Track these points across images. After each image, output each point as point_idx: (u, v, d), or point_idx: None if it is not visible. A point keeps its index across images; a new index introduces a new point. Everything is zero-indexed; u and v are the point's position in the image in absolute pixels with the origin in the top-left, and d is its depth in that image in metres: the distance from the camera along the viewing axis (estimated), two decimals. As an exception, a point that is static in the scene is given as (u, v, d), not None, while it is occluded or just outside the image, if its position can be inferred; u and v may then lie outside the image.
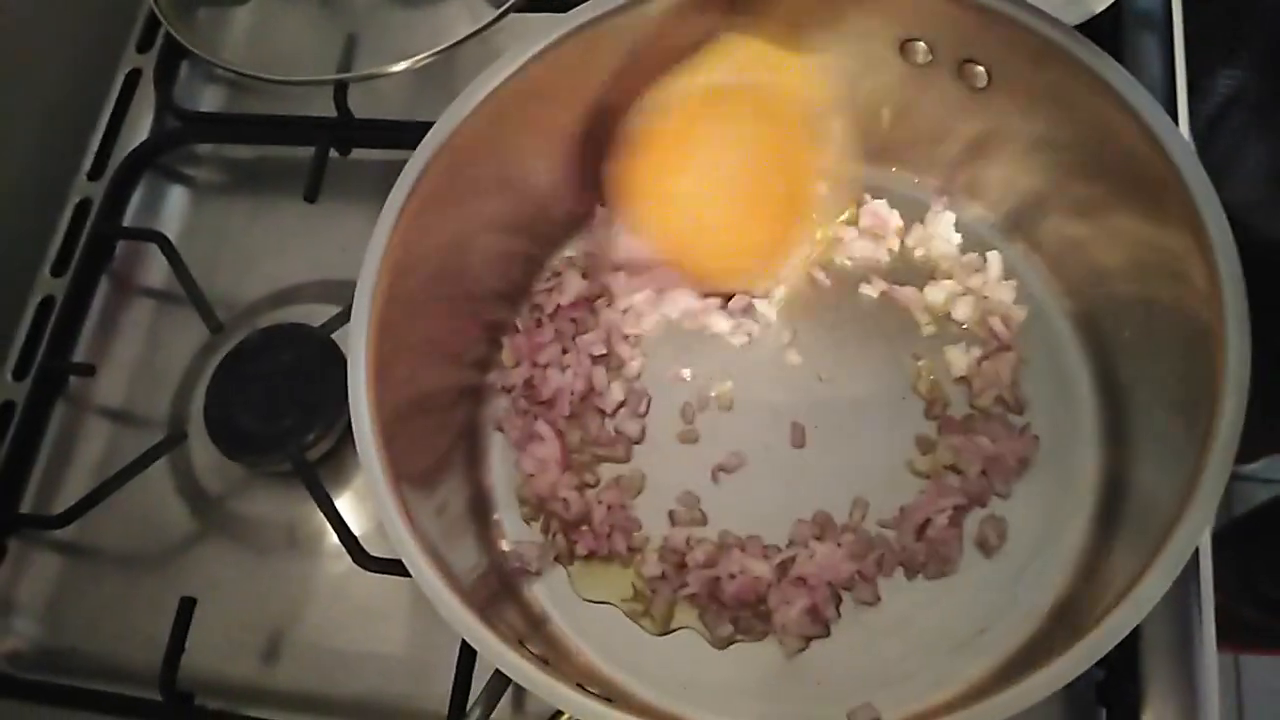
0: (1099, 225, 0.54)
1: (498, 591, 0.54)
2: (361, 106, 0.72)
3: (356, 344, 0.49)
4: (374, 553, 0.58)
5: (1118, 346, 0.55)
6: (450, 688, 0.55)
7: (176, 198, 0.76)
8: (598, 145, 0.58)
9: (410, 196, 0.52)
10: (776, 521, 0.56)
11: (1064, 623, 0.50)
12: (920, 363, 0.58)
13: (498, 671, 0.43)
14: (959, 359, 0.57)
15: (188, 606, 0.59)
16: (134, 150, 0.75)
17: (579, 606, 0.56)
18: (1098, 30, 0.61)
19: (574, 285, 0.61)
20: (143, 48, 0.80)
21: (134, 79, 0.79)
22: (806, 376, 0.60)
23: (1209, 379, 0.44)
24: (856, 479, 0.56)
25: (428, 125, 0.68)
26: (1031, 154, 0.56)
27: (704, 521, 0.56)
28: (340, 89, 0.71)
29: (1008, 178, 0.58)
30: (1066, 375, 0.57)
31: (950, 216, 0.60)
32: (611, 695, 0.51)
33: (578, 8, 0.55)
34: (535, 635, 0.53)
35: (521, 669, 0.42)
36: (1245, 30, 0.72)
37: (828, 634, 0.53)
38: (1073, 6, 0.60)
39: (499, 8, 0.70)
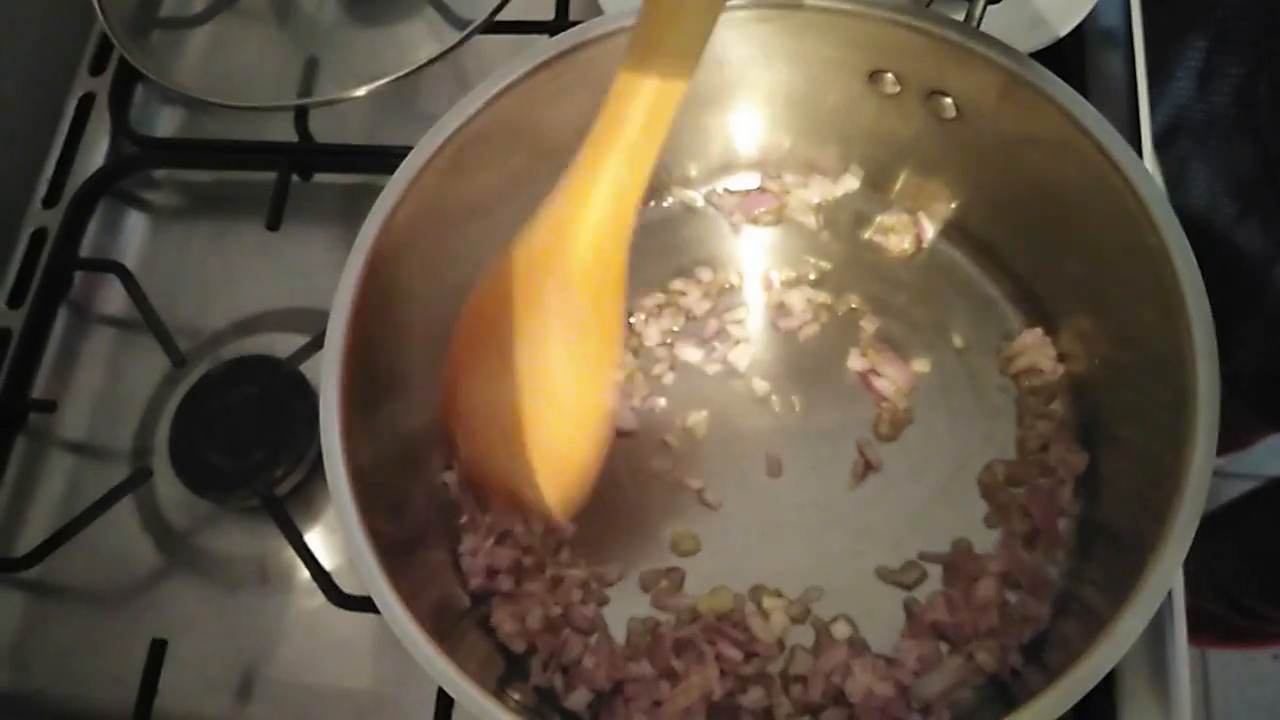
0: (1067, 253, 0.55)
1: (472, 627, 0.54)
2: (322, 130, 0.71)
3: (329, 382, 0.49)
4: (346, 589, 0.57)
5: (1088, 378, 0.56)
6: (431, 723, 0.55)
7: (135, 224, 0.75)
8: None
9: (383, 228, 0.52)
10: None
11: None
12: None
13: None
14: None
15: (159, 649, 0.58)
16: (90, 177, 0.73)
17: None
18: (1061, 50, 0.63)
19: None
20: (96, 70, 0.78)
21: (87, 103, 0.77)
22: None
23: (1180, 417, 0.44)
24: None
25: (391, 150, 0.69)
26: (1004, 185, 0.56)
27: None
28: (301, 113, 0.70)
29: (977, 206, 0.58)
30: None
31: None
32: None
33: (556, 36, 0.55)
34: (516, 676, 0.53)
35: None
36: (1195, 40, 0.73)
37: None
38: (1037, 31, 0.60)
39: (462, 30, 0.69)
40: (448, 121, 0.53)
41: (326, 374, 0.50)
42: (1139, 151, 0.62)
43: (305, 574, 0.61)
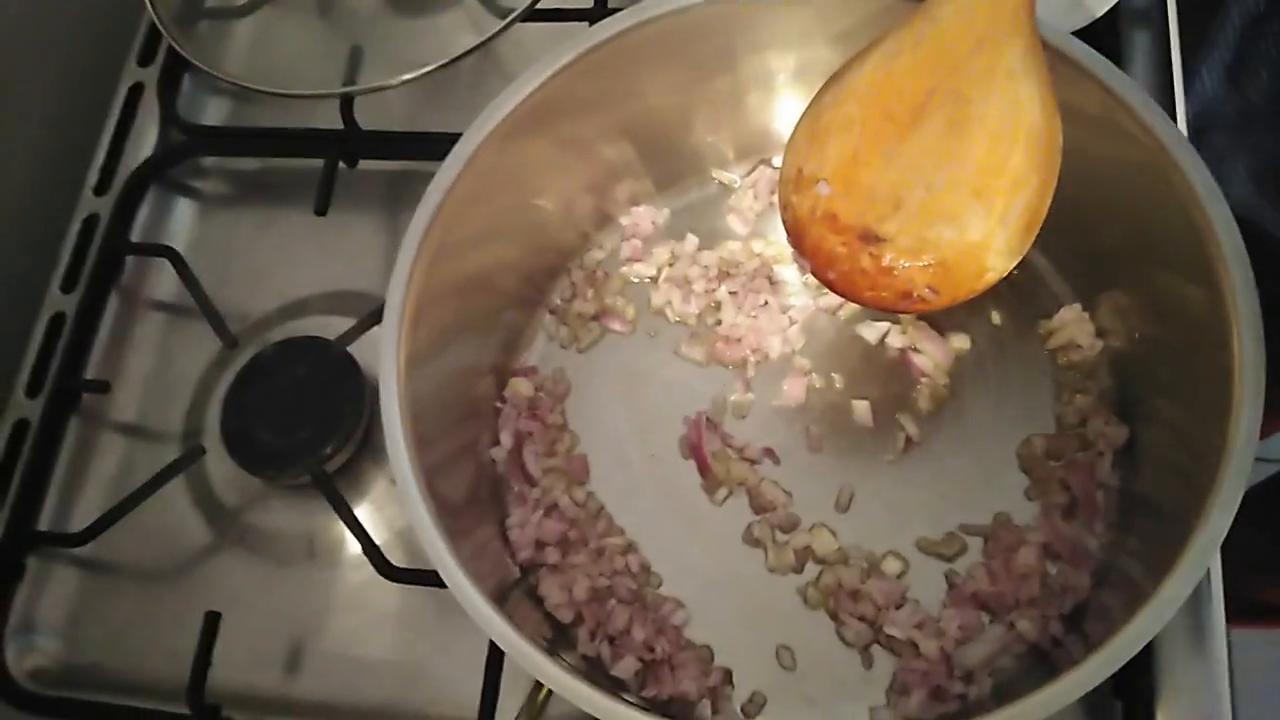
0: (1106, 223, 0.55)
1: (522, 598, 0.55)
2: (366, 118, 0.72)
3: (388, 362, 0.50)
4: (395, 562, 0.59)
5: (1129, 355, 0.56)
6: (478, 694, 0.56)
7: (183, 211, 0.76)
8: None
9: (437, 211, 0.53)
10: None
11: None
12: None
13: (536, 683, 0.44)
14: None
15: (213, 620, 0.59)
16: (140, 165, 0.75)
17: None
18: (1097, 31, 0.63)
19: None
20: (144, 61, 0.80)
21: (136, 92, 0.79)
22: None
23: (1223, 389, 0.45)
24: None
25: (435, 136, 0.70)
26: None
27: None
28: (346, 101, 0.72)
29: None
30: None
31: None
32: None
33: (600, 23, 0.56)
34: (562, 640, 0.54)
35: (560, 679, 0.43)
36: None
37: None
38: (1075, 12, 0.61)
39: (503, 18, 0.70)
40: (498, 105, 0.55)
41: (385, 350, 0.51)
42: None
43: (352, 550, 0.62)
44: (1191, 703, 0.52)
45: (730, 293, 0.62)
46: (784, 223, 0.52)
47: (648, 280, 0.64)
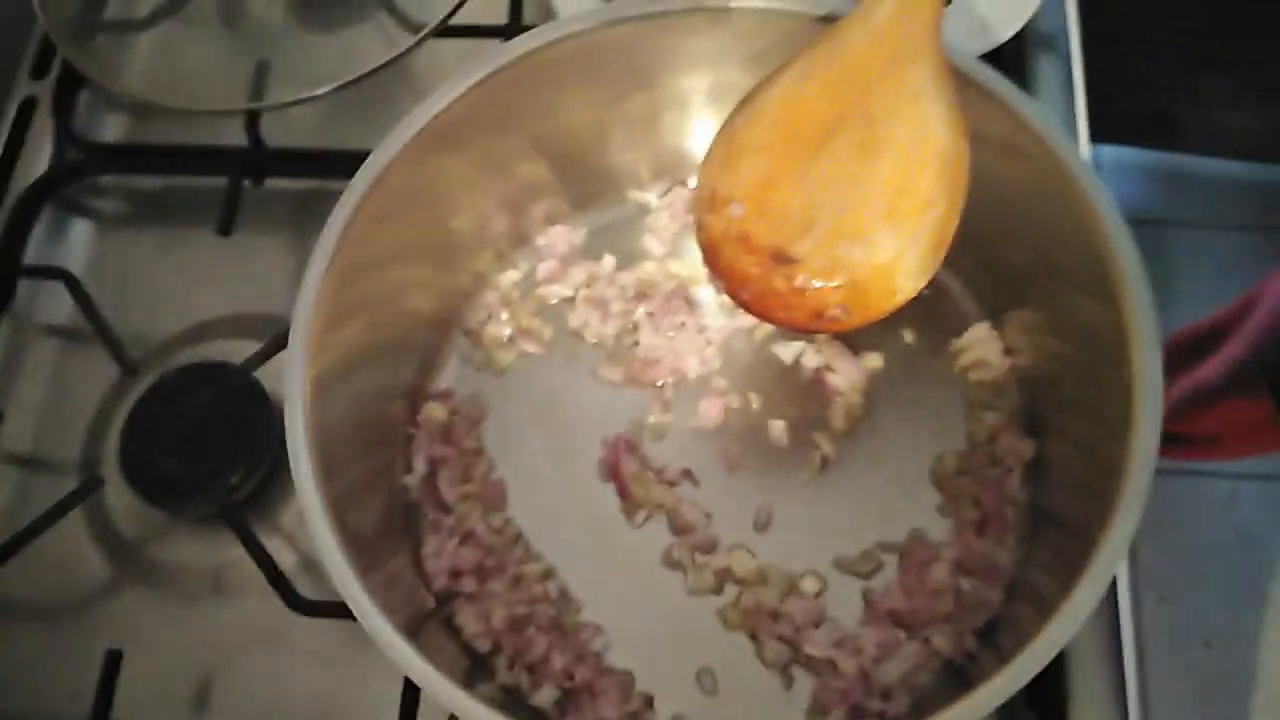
0: (1012, 243, 0.56)
1: (437, 628, 0.54)
2: (272, 135, 0.71)
3: (293, 386, 0.49)
4: (304, 595, 0.57)
5: (1036, 372, 0.58)
6: (392, 729, 0.54)
7: (80, 231, 0.73)
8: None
9: (345, 229, 0.52)
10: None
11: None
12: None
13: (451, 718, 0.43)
14: None
15: (114, 659, 0.57)
16: (34, 183, 0.72)
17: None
18: (1001, 56, 0.65)
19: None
20: (38, 74, 0.77)
21: (30, 107, 0.75)
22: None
23: (1125, 405, 0.46)
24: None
25: (345, 154, 0.68)
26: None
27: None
28: (252, 117, 0.70)
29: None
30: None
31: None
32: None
33: (514, 40, 0.56)
34: (480, 670, 0.53)
35: (476, 713, 0.42)
36: None
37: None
38: (981, 36, 0.62)
39: (416, 33, 0.69)
40: (411, 121, 0.54)
41: (290, 374, 0.50)
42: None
43: (260, 584, 0.60)
44: (1104, 709, 0.53)
45: (648, 314, 0.62)
46: (699, 243, 0.52)
47: (564, 301, 0.64)
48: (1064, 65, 0.69)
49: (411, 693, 0.55)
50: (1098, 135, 0.68)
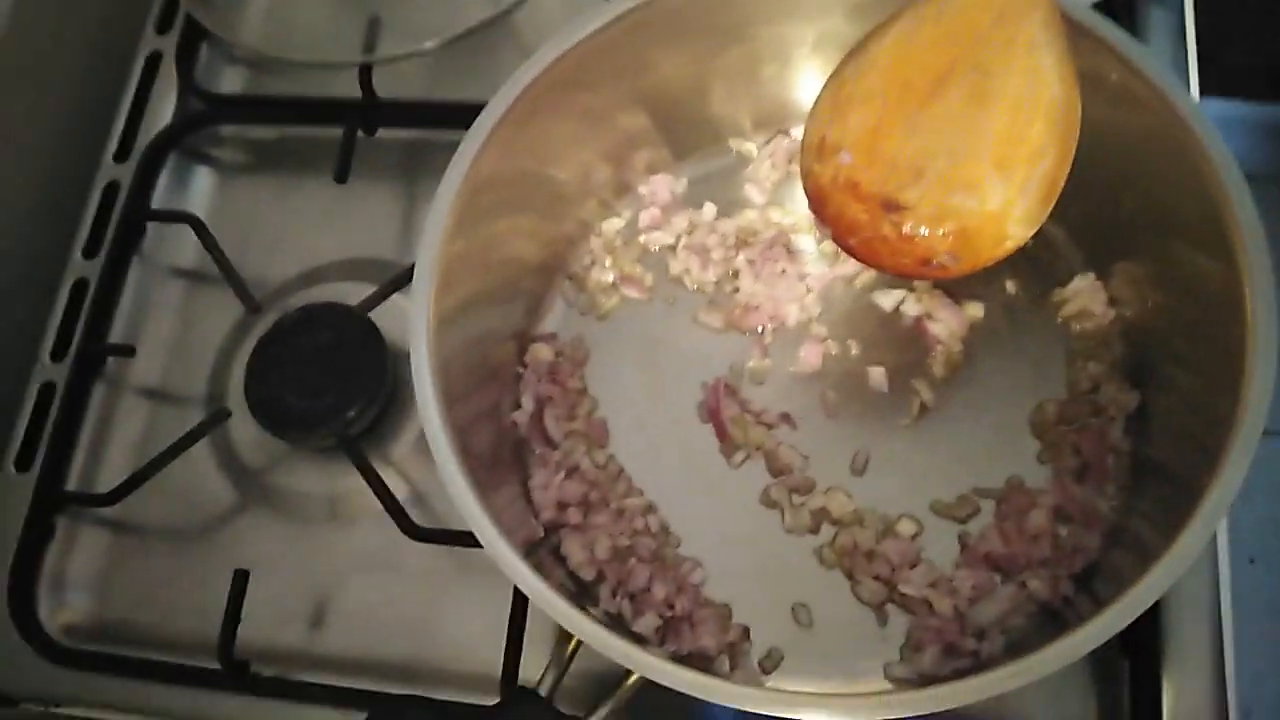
0: (1121, 194, 0.56)
1: (546, 556, 0.56)
2: (383, 86, 0.73)
3: (418, 322, 0.51)
4: (418, 522, 0.60)
5: (1142, 324, 0.57)
6: (498, 651, 0.57)
7: (202, 178, 0.77)
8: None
9: (465, 178, 0.54)
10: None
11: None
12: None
13: (563, 636, 0.45)
14: None
15: (242, 578, 0.61)
16: (160, 133, 0.76)
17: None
18: (1113, 4, 0.64)
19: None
20: (162, 29, 0.80)
21: (155, 60, 0.79)
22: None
23: (1236, 354, 0.46)
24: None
25: (454, 105, 0.71)
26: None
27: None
28: (365, 70, 0.72)
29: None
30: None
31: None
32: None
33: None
34: (584, 598, 0.55)
35: (592, 631, 0.45)
36: None
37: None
38: (1091, -16, 0.61)
39: (520, -12, 0.71)
40: (524, 72, 0.56)
41: (416, 311, 0.52)
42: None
43: (373, 511, 0.63)
44: (1196, 662, 0.54)
45: (748, 261, 0.63)
46: (806, 190, 0.53)
47: (666, 248, 0.65)
48: (1176, 16, 0.67)
49: (519, 615, 0.57)
50: (1206, 88, 0.67)
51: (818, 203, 0.52)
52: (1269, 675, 1.25)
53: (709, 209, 0.65)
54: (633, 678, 0.47)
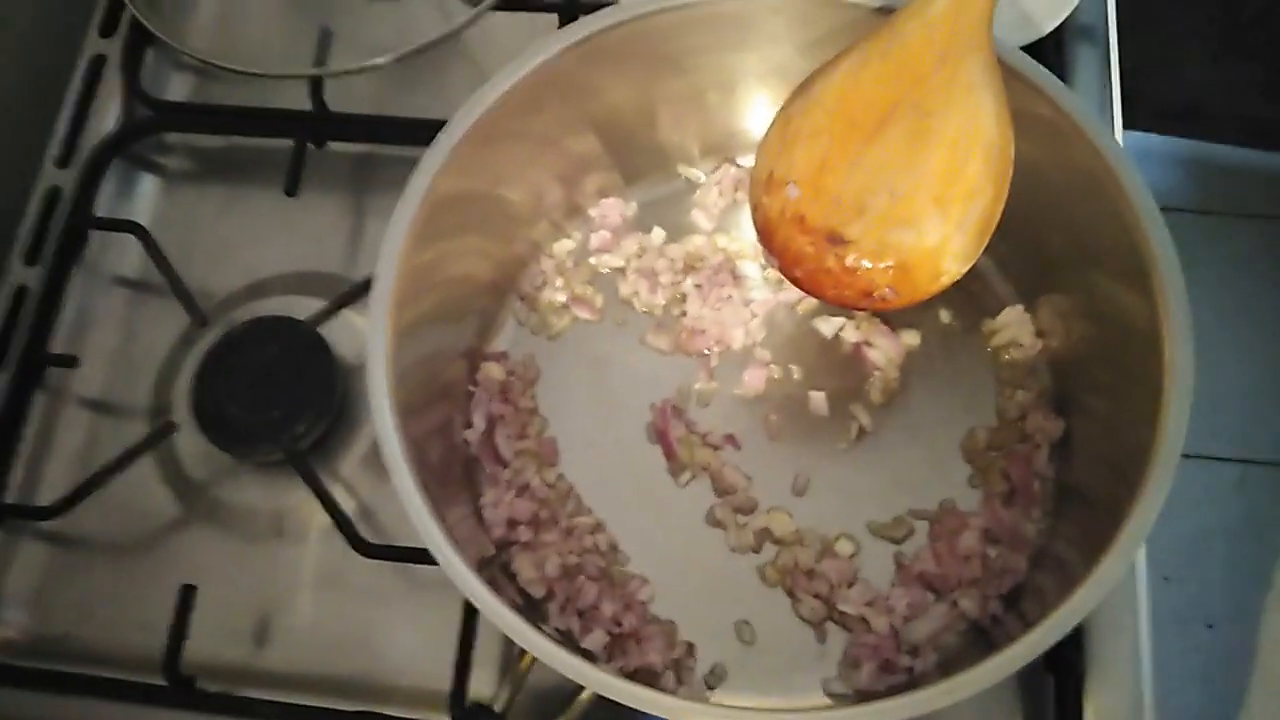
0: (1048, 230, 0.59)
1: (496, 573, 0.57)
2: (333, 99, 0.73)
3: (376, 336, 0.53)
4: (366, 538, 0.61)
5: (1067, 354, 0.60)
6: (446, 667, 0.58)
7: (148, 186, 0.76)
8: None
9: (424, 196, 0.55)
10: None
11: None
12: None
13: (517, 653, 0.46)
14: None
15: (188, 593, 0.61)
16: (105, 139, 0.75)
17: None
18: (1042, 47, 0.67)
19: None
20: (106, 32, 0.79)
21: (98, 64, 0.78)
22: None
23: (1155, 385, 0.49)
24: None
25: (406, 121, 0.71)
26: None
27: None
28: (316, 83, 0.72)
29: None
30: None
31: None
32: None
33: (581, 21, 0.58)
34: (534, 615, 0.57)
35: (545, 647, 0.46)
36: None
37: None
38: (1025, 28, 0.64)
39: (474, 6, 0.72)
40: (482, 97, 0.57)
41: (374, 325, 0.53)
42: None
43: (319, 527, 0.64)
44: (1117, 678, 0.57)
45: (695, 285, 0.65)
46: (754, 222, 0.55)
47: (616, 270, 0.67)
48: (1102, 55, 0.70)
49: (469, 632, 0.58)
50: (1129, 122, 0.70)
51: (765, 234, 0.54)
52: (1183, 689, 1.31)
53: (658, 233, 0.67)
54: (585, 693, 0.48)
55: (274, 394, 0.64)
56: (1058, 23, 0.66)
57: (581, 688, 0.48)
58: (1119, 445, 0.54)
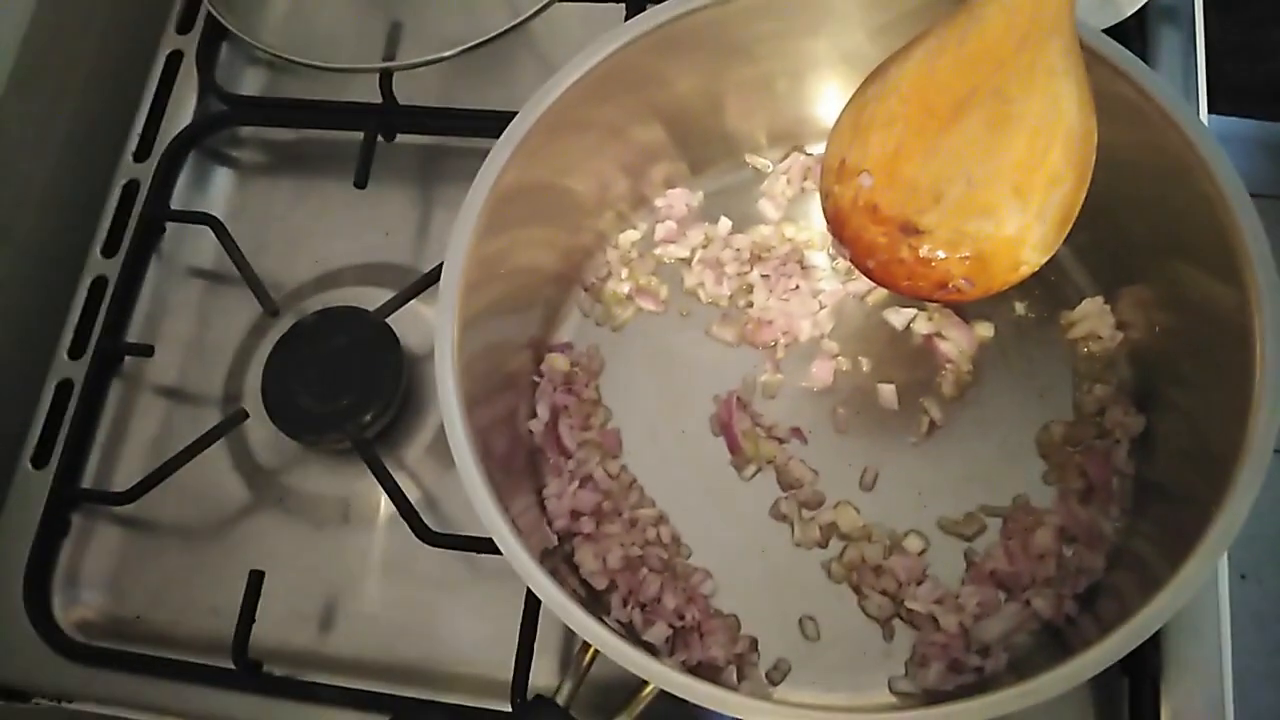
0: (1130, 218, 0.57)
1: (559, 564, 0.57)
2: (402, 92, 0.74)
3: (444, 326, 0.53)
4: (431, 527, 0.61)
5: (1149, 347, 0.58)
6: (507, 656, 0.58)
7: (221, 179, 0.78)
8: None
9: (492, 188, 0.55)
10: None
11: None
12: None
13: (580, 645, 0.46)
14: None
15: (257, 579, 0.62)
16: (181, 132, 0.76)
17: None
18: (1125, 29, 0.65)
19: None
20: (183, 29, 0.81)
21: (175, 60, 0.80)
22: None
23: (1244, 380, 0.47)
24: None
25: (474, 113, 0.71)
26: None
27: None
28: (386, 76, 0.73)
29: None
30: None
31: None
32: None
33: (648, 12, 0.58)
34: (596, 607, 0.56)
35: (607, 640, 0.46)
36: None
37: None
38: (1106, 9, 0.62)
39: (540, -1, 0.72)
40: (550, 89, 0.57)
41: (442, 314, 0.53)
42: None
43: (384, 514, 0.65)
44: (1195, 680, 0.55)
45: (762, 276, 0.64)
46: (825, 211, 0.54)
47: (681, 261, 0.66)
48: (1186, 37, 0.68)
49: (530, 622, 0.58)
50: (1215, 106, 0.67)
51: (837, 224, 0.53)
52: (1260, 689, 1.27)
53: (724, 223, 0.66)
54: (648, 688, 0.48)
55: (342, 383, 0.65)
56: (1141, 4, 0.64)
57: (644, 683, 0.47)
58: (1203, 441, 0.52)
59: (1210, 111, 0.67)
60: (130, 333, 0.73)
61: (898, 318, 0.62)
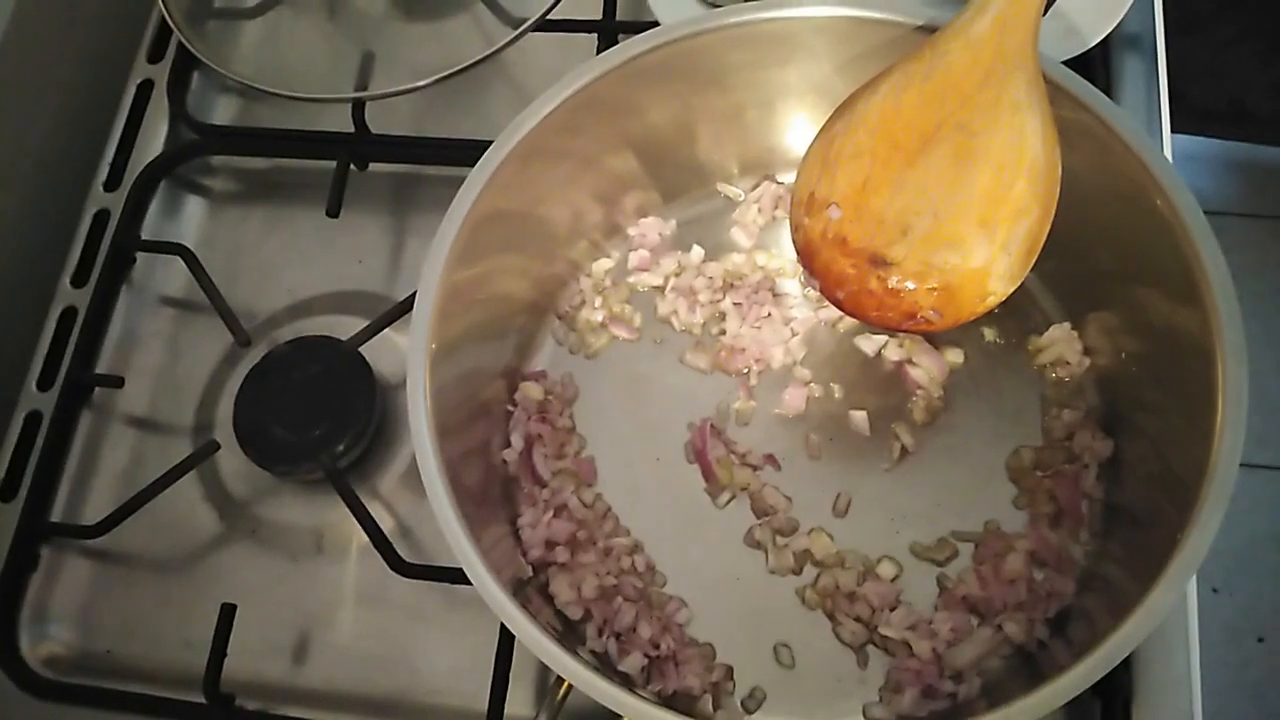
0: (1095, 246, 0.58)
1: (534, 594, 0.57)
2: (375, 121, 0.74)
3: (416, 355, 0.53)
4: (404, 557, 0.61)
5: (1116, 373, 0.59)
6: (482, 687, 0.58)
7: (193, 208, 0.77)
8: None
9: (466, 217, 0.55)
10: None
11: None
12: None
13: (556, 680, 0.46)
14: None
15: (229, 612, 0.61)
16: (152, 161, 0.76)
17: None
18: (1089, 59, 0.66)
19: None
20: (154, 58, 0.81)
21: (146, 89, 0.80)
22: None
23: (1208, 403, 0.48)
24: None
25: (447, 142, 0.72)
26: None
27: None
28: (358, 105, 0.73)
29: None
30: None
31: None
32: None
33: (618, 46, 0.59)
34: (571, 637, 0.56)
35: (579, 673, 0.45)
36: None
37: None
38: (1069, 40, 0.63)
39: (512, 26, 0.72)
40: (524, 120, 0.57)
41: (414, 344, 0.53)
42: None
43: (358, 545, 0.64)
44: (1166, 701, 0.55)
45: (734, 304, 0.64)
46: (795, 244, 0.55)
47: (654, 289, 0.66)
48: (1149, 64, 0.69)
49: (505, 652, 0.58)
50: (1173, 125, 0.69)
51: (807, 256, 0.54)
52: (1233, 705, 1.28)
53: (697, 252, 0.66)
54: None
55: (315, 413, 0.65)
56: (1105, 34, 0.65)
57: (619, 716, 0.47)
58: (1170, 464, 0.53)
59: (1174, 131, 0.68)
60: (100, 363, 0.72)
61: (869, 344, 0.63)
